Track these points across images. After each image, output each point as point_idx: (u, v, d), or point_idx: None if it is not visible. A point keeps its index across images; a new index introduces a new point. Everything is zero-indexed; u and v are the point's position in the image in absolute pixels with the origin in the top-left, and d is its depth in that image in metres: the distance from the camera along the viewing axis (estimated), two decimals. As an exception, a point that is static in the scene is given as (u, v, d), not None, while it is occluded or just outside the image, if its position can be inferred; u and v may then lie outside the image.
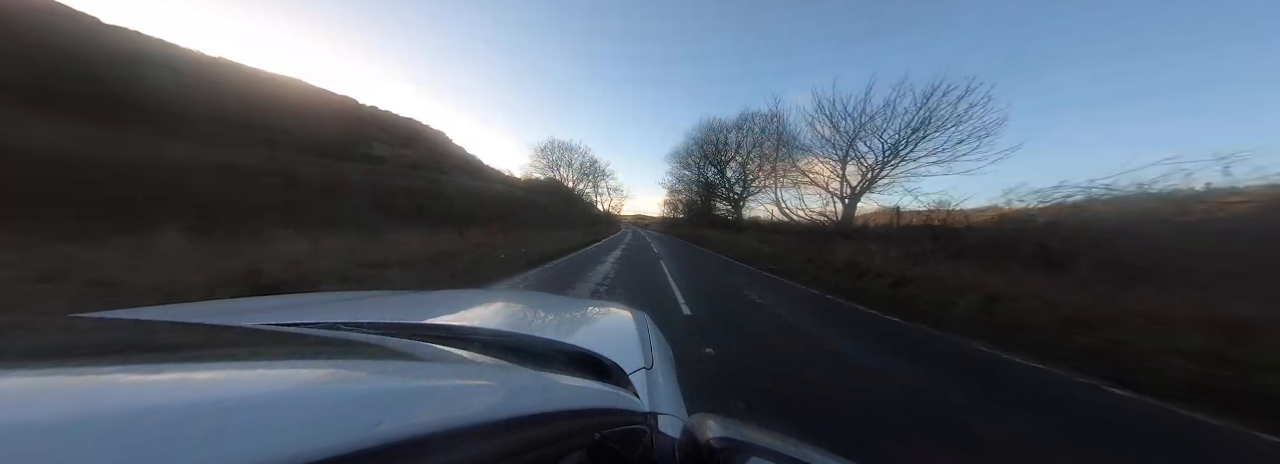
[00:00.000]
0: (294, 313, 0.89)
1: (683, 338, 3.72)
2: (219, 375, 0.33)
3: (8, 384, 0.26)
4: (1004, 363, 3.73)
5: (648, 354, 0.92)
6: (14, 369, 0.30)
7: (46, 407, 0.23)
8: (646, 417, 0.53)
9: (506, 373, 0.53)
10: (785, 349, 3.78)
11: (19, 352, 0.37)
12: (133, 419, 0.22)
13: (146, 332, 0.54)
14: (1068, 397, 3.01)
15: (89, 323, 0.54)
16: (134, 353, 0.41)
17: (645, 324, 1.22)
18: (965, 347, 4.20)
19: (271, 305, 1.01)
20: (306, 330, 0.68)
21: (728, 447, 0.41)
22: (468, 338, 0.82)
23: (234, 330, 0.61)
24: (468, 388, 0.40)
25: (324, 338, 0.61)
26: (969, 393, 2.93)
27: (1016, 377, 3.39)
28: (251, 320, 0.80)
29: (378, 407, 0.29)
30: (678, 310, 5.02)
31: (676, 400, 0.80)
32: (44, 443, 0.19)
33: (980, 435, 2.30)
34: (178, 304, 0.96)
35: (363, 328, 0.79)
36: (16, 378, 0.28)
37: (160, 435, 0.21)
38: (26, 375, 0.29)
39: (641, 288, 6.62)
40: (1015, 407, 2.74)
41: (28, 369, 0.30)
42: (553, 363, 0.75)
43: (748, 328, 4.48)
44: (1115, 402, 2.93)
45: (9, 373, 0.29)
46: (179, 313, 0.87)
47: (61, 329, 0.49)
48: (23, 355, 0.36)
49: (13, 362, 0.33)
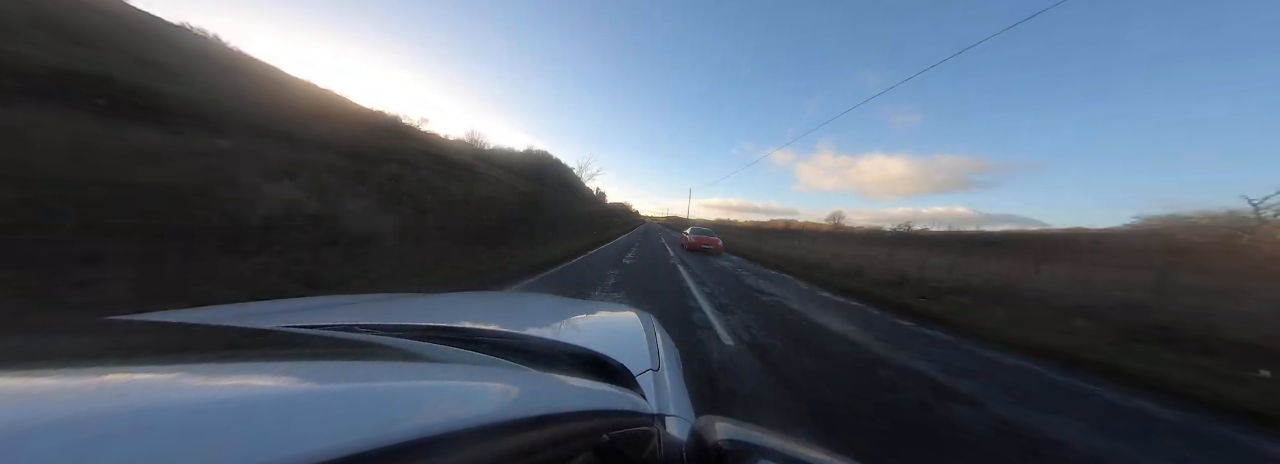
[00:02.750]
0: (310, 315, 0.91)
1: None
2: (237, 376, 0.34)
3: (36, 383, 0.28)
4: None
5: (655, 356, 0.92)
6: (50, 369, 0.32)
7: (76, 405, 0.24)
8: (654, 419, 0.54)
9: (515, 374, 0.53)
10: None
11: (50, 353, 0.39)
12: (156, 418, 0.23)
13: (172, 334, 0.56)
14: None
15: (120, 325, 0.56)
16: (160, 354, 0.42)
17: (652, 326, 1.22)
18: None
19: (288, 308, 1.03)
20: (322, 332, 0.70)
21: (736, 449, 0.41)
22: (477, 339, 0.83)
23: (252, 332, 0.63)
24: (477, 389, 0.41)
25: (338, 339, 0.62)
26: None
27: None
28: (269, 323, 0.82)
29: (390, 407, 0.30)
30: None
31: (684, 402, 0.80)
32: (72, 439, 0.21)
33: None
34: (203, 307, 0.99)
35: (376, 330, 0.81)
36: (45, 378, 0.29)
37: (181, 434, 0.22)
38: (60, 376, 0.30)
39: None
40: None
41: (56, 370, 0.32)
42: (560, 364, 0.75)
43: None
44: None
45: (46, 373, 0.30)
46: (203, 316, 0.90)
47: (95, 331, 0.51)
48: (53, 357, 0.38)
49: (48, 361, 0.34)
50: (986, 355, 4.17)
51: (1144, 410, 2.99)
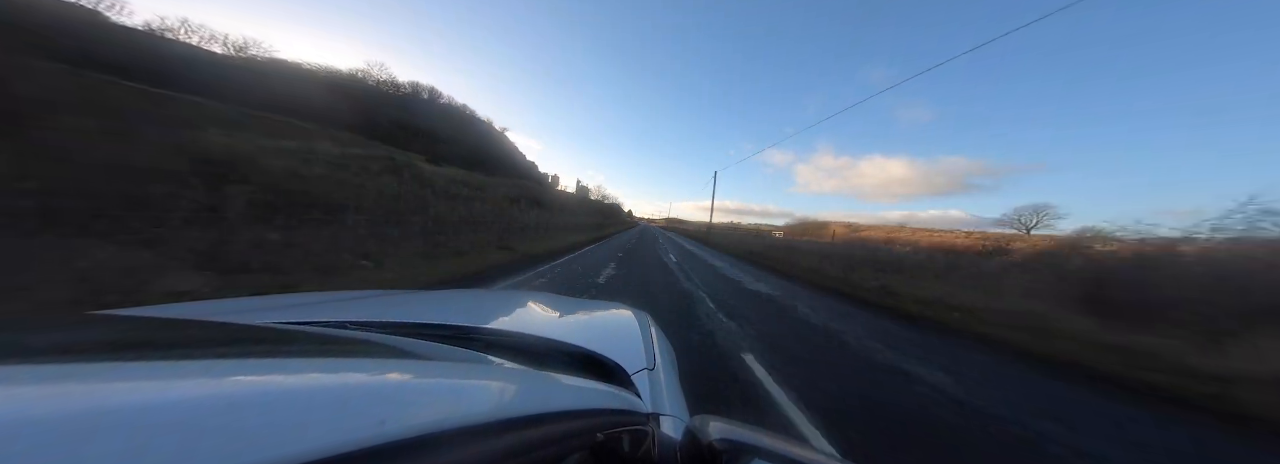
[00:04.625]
0: (301, 312, 0.90)
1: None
2: (225, 373, 0.34)
3: (23, 380, 0.27)
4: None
5: (650, 355, 0.92)
6: (30, 365, 0.31)
7: (59, 403, 0.23)
8: (649, 418, 0.53)
9: (509, 373, 0.53)
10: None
11: (36, 348, 0.38)
12: (141, 415, 0.23)
13: (158, 329, 0.55)
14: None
15: (103, 320, 0.55)
16: (145, 350, 0.41)
17: (648, 325, 1.22)
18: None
19: (279, 304, 1.02)
20: (313, 329, 0.69)
21: (730, 448, 0.41)
22: (471, 337, 0.83)
23: (242, 329, 0.62)
24: (470, 387, 0.40)
25: (330, 336, 0.61)
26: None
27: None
28: (259, 319, 0.81)
29: (381, 405, 0.29)
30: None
31: (679, 401, 0.80)
32: (55, 438, 0.20)
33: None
34: (189, 302, 0.97)
35: (368, 327, 0.80)
36: (32, 374, 0.28)
37: (166, 432, 0.22)
38: (41, 372, 0.29)
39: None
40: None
41: (43, 366, 0.31)
42: (555, 363, 0.75)
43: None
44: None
45: (25, 369, 0.29)
46: (190, 311, 0.88)
47: (77, 326, 0.50)
48: (39, 352, 0.37)
49: (29, 358, 0.33)
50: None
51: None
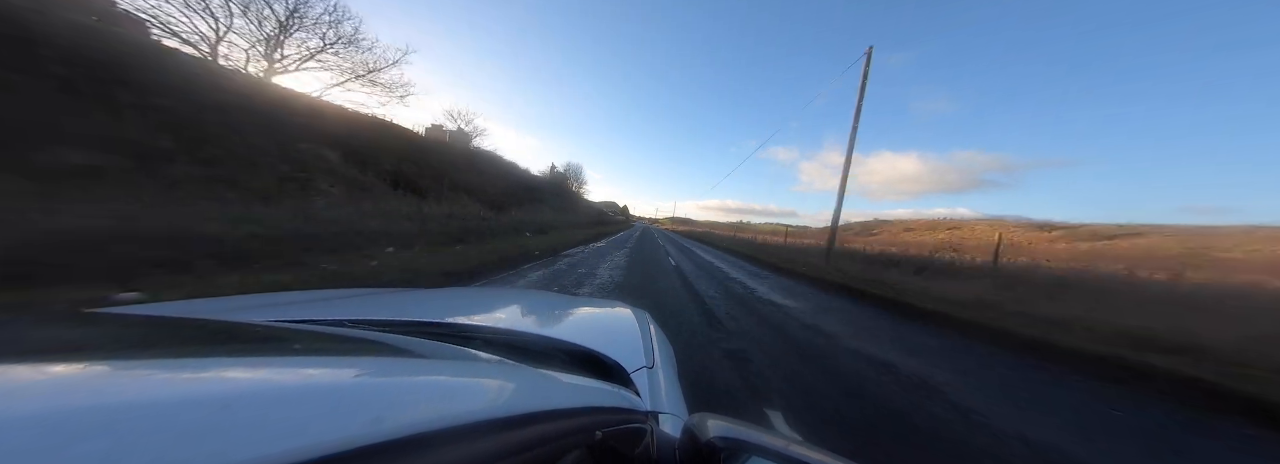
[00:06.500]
0: (298, 310, 0.90)
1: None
2: (222, 371, 0.34)
3: (18, 377, 0.27)
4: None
5: (649, 353, 0.92)
6: (26, 363, 0.31)
7: (51, 401, 0.23)
8: (647, 416, 0.53)
9: (508, 371, 0.53)
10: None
11: (32, 346, 0.38)
12: (134, 414, 0.23)
13: (154, 327, 0.55)
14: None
15: (99, 318, 0.55)
16: (140, 348, 0.41)
17: (648, 323, 1.21)
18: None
19: (277, 302, 1.02)
20: (310, 327, 0.68)
21: (728, 446, 0.41)
22: (469, 335, 0.83)
23: (239, 327, 0.62)
24: (468, 385, 0.40)
25: (327, 334, 0.61)
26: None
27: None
28: (257, 317, 0.80)
29: (378, 403, 0.29)
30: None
31: (678, 400, 0.80)
32: (50, 435, 0.20)
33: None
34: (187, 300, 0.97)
35: (366, 325, 0.80)
36: (27, 372, 0.28)
37: (159, 430, 0.22)
38: (36, 370, 0.29)
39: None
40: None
41: (38, 363, 0.31)
42: (554, 361, 0.75)
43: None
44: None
45: (21, 367, 0.29)
46: (186, 309, 0.88)
47: (73, 324, 0.49)
48: (34, 350, 0.37)
49: (24, 356, 0.33)
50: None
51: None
